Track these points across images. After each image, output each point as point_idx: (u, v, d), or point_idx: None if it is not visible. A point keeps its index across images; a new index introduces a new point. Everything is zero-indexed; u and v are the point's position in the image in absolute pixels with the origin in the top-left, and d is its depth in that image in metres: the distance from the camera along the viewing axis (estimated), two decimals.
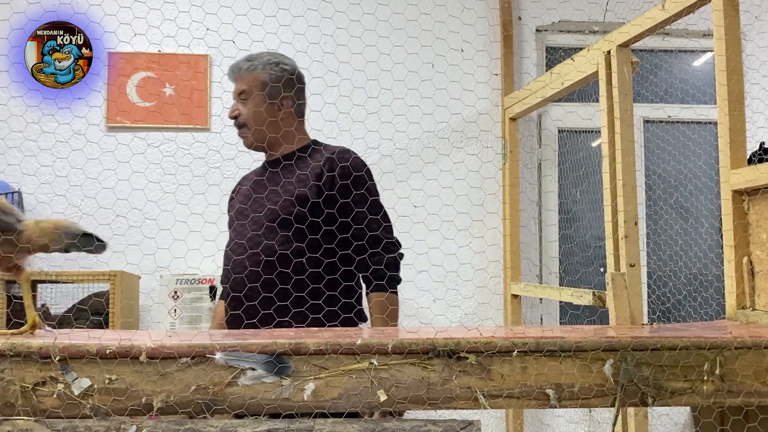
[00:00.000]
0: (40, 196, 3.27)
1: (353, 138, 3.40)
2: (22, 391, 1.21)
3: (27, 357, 1.21)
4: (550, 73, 2.95)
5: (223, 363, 1.23)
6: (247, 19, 3.32)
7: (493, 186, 3.51)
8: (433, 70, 3.48)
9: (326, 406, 1.24)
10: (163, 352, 1.23)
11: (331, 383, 1.25)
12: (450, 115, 3.50)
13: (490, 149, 3.57)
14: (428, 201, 3.44)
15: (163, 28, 3.33)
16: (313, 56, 3.43)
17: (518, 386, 1.27)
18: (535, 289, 3.23)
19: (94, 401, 1.21)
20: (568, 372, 1.28)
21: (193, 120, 3.39)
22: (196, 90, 3.39)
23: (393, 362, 1.26)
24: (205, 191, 3.30)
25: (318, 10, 3.43)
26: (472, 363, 1.27)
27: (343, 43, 3.45)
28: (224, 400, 1.22)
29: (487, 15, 3.58)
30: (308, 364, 1.25)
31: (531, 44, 3.63)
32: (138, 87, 3.37)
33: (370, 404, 1.26)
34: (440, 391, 1.26)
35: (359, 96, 3.42)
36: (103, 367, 1.22)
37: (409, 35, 3.46)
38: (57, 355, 1.21)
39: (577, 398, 1.28)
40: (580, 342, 1.30)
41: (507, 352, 1.28)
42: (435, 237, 3.42)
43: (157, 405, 1.22)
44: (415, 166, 3.49)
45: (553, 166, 3.65)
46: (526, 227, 3.52)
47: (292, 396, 1.23)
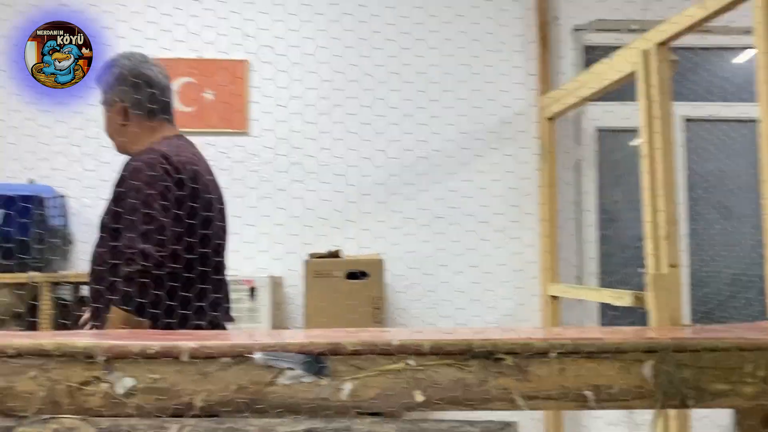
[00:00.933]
0: (85, 200, 3.35)
1: (389, 141, 3.42)
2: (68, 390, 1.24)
3: (72, 357, 1.24)
4: (587, 73, 2.92)
5: (263, 363, 1.25)
6: (284, 25, 3.36)
7: (529, 187, 3.49)
8: (468, 72, 3.47)
9: (364, 406, 1.25)
10: (204, 352, 1.25)
11: (368, 383, 1.26)
12: (486, 117, 3.49)
13: (526, 150, 3.55)
14: (464, 202, 3.43)
15: (203, 34, 3.38)
16: (349, 60, 3.46)
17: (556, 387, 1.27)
18: (573, 290, 3.20)
19: (138, 400, 1.24)
20: (606, 373, 1.27)
21: (232, 124, 3.44)
22: (235, 95, 3.44)
23: (429, 363, 1.27)
24: (244, 194, 3.35)
25: (353, 14, 3.45)
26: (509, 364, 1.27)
27: (378, 47, 3.46)
28: (264, 399, 1.24)
29: (523, 16, 3.56)
30: (346, 364, 1.26)
31: (568, 44, 3.60)
32: (179, 92, 3.43)
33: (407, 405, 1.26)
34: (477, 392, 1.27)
35: (394, 98, 3.43)
36: (146, 367, 1.25)
37: (445, 37, 3.46)
38: (101, 355, 1.24)
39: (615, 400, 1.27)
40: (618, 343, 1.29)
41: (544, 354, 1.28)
42: (471, 238, 3.41)
43: (198, 404, 1.24)
44: (451, 168, 3.49)
45: (592, 166, 3.61)
46: (563, 228, 3.49)
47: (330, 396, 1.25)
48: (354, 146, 3.42)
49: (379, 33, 3.43)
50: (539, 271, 3.45)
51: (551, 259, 3.37)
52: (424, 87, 3.44)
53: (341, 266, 3.05)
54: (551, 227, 3.39)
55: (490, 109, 3.48)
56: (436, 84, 3.42)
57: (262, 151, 3.42)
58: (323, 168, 3.40)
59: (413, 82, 3.43)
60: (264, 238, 3.33)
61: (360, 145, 3.43)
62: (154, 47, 3.33)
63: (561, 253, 3.44)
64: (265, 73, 3.45)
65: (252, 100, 3.46)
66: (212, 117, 3.44)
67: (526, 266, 3.47)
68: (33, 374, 1.24)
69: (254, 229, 3.29)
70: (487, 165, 3.49)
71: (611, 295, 2.62)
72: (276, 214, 3.32)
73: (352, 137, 3.44)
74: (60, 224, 3.15)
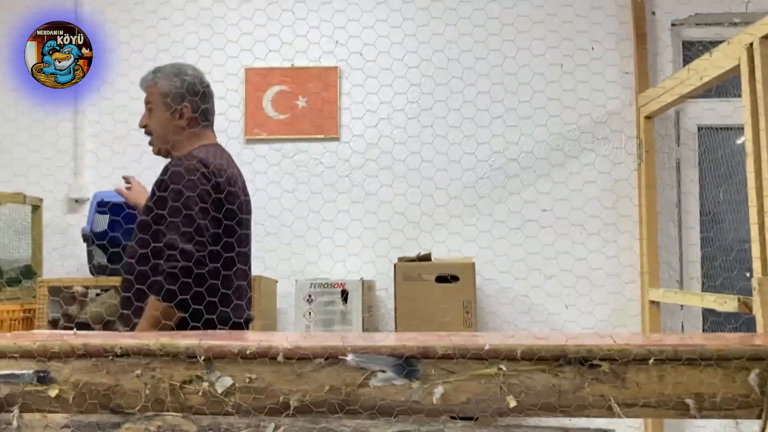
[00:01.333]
0: None
1: (478, 143, 3.39)
2: (171, 389, 1.30)
3: (175, 356, 1.30)
4: (686, 69, 2.82)
5: (355, 365, 1.26)
6: (374, 31, 3.39)
7: (625, 188, 3.39)
8: (560, 72, 3.40)
9: (455, 410, 1.25)
10: (298, 353, 1.28)
11: (459, 387, 1.25)
12: (578, 117, 3.42)
13: (622, 150, 3.45)
14: (556, 204, 3.37)
15: (295, 43, 3.46)
16: (438, 64, 3.46)
17: (655, 395, 1.23)
18: (675, 295, 3.09)
19: (236, 399, 1.28)
20: (709, 381, 1.22)
21: (324, 131, 3.51)
22: (327, 102, 3.50)
23: (522, 368, 1.25)
24: (335, 199, 3.41)
25: (442, 18, 3.45)
26: (606, 371, 1.24)
27: (466, 49, 3.45)
28: (356, 400, 1.26)
29: (617, 13, 3.46)
30: (437, 367, 1.26)
31: (665, 40, 3.48)
32: (273, 101, 3.53)
33: (500, 410, 1.25)
34: (572, 398, 1.24)
35: (484, 100, 3.41)
36: (244, 367, 1.29)
37: (535, 37, 3.41)
38: (202, 355, 1.29)
39: (719, 409, 1.22)
40: (722, 350, 1.24)
41: (643, 360, 1.24)
42: (564, 241, 3.34)
43: (294, 404, 1.27)
44: (542, 170, 3.43)
45: (693, 165, 3.47)
46: (663, 230, 3.37)
47: (422, 399, 1.25)
48: (443, 150, 3.42)
49: (468, 35, 3.41)
50: (638, 276, 3.34)
51: (651, 262, 3.26)
52: (513, 88, 3.40)
53: (431, 270, 3.05)
54: (651, 230, 3.28)
55: (582, 109, 3.40)
56: (526, 85, 3.37)
57: (352, 156, 3.47)
58: (412, 172, 3.41)
59: (502, 83, 3.40)
60: (355, 242, 3.37)
61: (449, 148, 3.42)
62: (249, 57, 3.44)
63: (661, 257, 3.32)
64: (356, 79, 3.49)
65: (343, 106, 3.52)
66: (305, 124, 3.51)
67: (623, 270, 3.37)
68: (138, 372, 1.30)
69: (345, 232, 3.34)
70: (580, 166, 3.41)
71: (715, 300, 2.51)
72: (366, 218, 3.35)
73: (440, 141, 3.43)
74: None
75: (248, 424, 1.27)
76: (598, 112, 3.43)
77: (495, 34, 3.37)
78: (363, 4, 3.41)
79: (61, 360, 1.31)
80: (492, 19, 3.39)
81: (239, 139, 3.52)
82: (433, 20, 3.46)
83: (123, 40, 3.45)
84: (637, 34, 3.41)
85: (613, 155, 3.43)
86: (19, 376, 1.30)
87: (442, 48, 3.44)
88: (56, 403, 1.30)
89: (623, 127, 3.43)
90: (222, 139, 3.54)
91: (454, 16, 3.44)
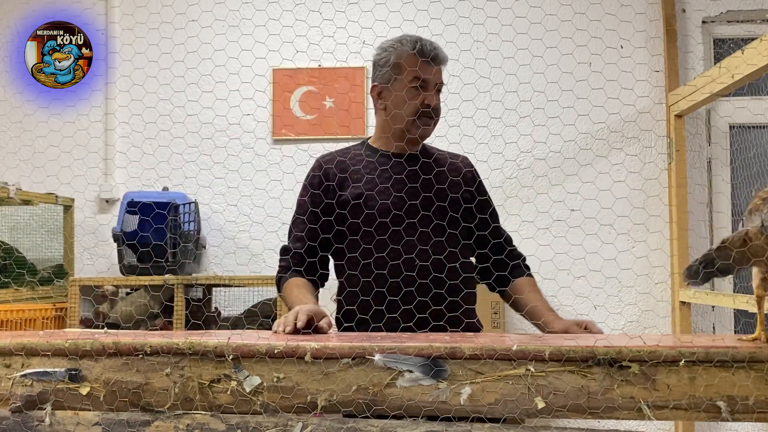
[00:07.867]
0: (214, 206, 3.53)
1: (505, 142, 3.38)
2: (200, 387, 1.31)
3: (204, 355, 1.31)
4: (717, 67, 2.77)
5: (382, 365, 1.26)
6: (401, 31, 3.38)
7: (655, 188, 3.35)
8: (588, 70, 3.37)
9: (483, 411, 1.24)
10: (326, 352, 1.28)
11: (487, 388, 1.25)
12: (607, 116, 3.38)
13: (651, 149, 3.41)
14: (585, 204, 3.33)
15: (322, 44, 3.48)
16: (465, 63, 3.44)
17: (686, 397, 1.21)
18: (706, 296, 3.04)
19: (264, 398, 1.29)
20: (741, 384, 1.20)
21: (351, 131, 3.51)
22: (354, 102, 3.51)
23: (550, 369, 1.24)
24: None
25: (469, 17, 3.44)
26: (635, 372, 1.23)
27: (494, 48, 3.43)
28: (383, 400, 1.26)
29: (646, 10, 3.42)
30: (464, 368, 1.26)
31: (696, 38, 3.43)
32: (300, 101, 3.54)
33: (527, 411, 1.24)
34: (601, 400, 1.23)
35: (511, 100, 3.39)
36: (272, 366, 1.29)
37: (563, 36, 3.38)
38: (231, 354, 1.30)
39: (752, 412, 1.20)
40: (754, 352, 1.21)
41: (673, 362, 1.23)
42: (593, 241, 3.31)
43: (321, 403, 1.27)
44: (571, 169, 3.40)
45: (724, 165, 3.42)
46: (694, 230, 3.32)
47: (449, 399, 1.25)
48: (470, 149, 3.40)
49: (495, 35, 3.40)
50: (669, 276, 3.30)
51: (682, 263, 3.22)
52: (541, 87, 3.38)
53: None
54: (681, 230, 3.24)
55: (611, 108, 3.36)
56: (554, 84, 3.35)
57: None
58: None
59: (530, 82, 3.38)
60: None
61: (476, 148, 3.41)
62: (277, 59, 3.46)
63: (692, 257, 3.28)
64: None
65: (369, 106, 3.52)
66: (332, 124, 3.52)
67: (653, 271, 3.32)
68: (167, 371, 1.31)
69: None
70: (609, 166, 3.37)
71: (747, 301, 2.47)
72: None
73: (467, 140, 3.42)
74: (192, 229, 3.33)
75: (276, 423, 1.27)
76: (628, 110, 3.39)
77: (522, 32, 3.34)
78: (390, 5, 3.41)
79: (93, 358, 1.32)
80: (519, 18, 3.37)
81: (267, 140, 3.54)
82: (460, 19, 3.45)
83: (152, 42, 3.49)
84: (668, 31, 3.37)
85: (643, 154, 3.39)
86: (51, 374, 1.32)
87: (470, 47, 3.43)
88: (87, 401, 1.32)
89: (653, 126, 3.39)
90: (250, 139, 3.61)
91: (481, 15, 3.43)
